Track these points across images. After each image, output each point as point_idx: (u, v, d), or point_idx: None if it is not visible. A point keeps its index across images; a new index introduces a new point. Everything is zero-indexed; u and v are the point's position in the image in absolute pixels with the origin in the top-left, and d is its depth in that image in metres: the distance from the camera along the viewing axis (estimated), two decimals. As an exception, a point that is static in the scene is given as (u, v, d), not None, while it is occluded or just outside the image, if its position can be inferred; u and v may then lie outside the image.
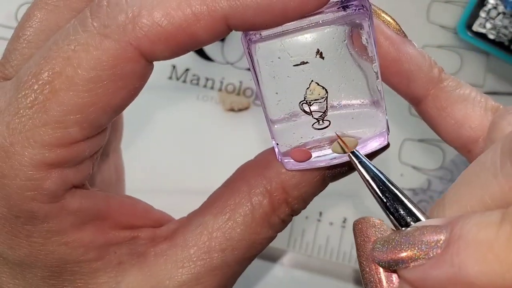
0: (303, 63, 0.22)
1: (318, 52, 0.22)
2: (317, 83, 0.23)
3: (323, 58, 0.22)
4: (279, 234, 0.27)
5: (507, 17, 0.45)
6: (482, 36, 0.45)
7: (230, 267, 0.26)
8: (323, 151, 0.25)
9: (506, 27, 0.45)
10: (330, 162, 0.25)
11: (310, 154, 0.25)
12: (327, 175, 0.26)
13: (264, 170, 0.26)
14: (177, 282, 0.25)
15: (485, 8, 0.45)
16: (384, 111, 0.24)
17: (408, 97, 0.26)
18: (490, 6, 0.45)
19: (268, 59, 0.22)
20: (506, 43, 0.45)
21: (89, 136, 0.22)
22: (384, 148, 0.26)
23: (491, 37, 0.45)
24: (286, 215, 0.26)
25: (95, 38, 0.21)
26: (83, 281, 0.24)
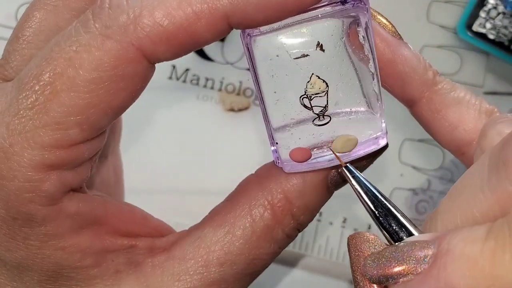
0: (304, 56, 0.22)
1: (318, 44, 0.22)
2: (317, 76, 0.23)
3: (324, 50, 0.22)
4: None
5: (507, 17, 0.45)
6: (482, 36, 0.45)
7: (229, 283, 0.25)
8: (322, 152, 0.24)
9: (506, 27, 0.45)
10: (329, 163, 0.25)
11: (310, 153, 0.24)
12: (330, 182, 0.26)
13: (264, 181, 0.25)
14: None
15: (485, 8, 0.45)
16: (382, 112, 0.24)
17: (402, 99, 0.26)
18: (490, 6, 0.45)
19: (267, 57, 0.22)
20: (506, 43, 0.45)
21: (89, 138, 0.22)
22: (383, 148, 0.26)
23: (491, 37, 0.45)
24: (291, 229, 0.26)
25: (97, 39, 0.21)
26: (79, 287, 0.24)
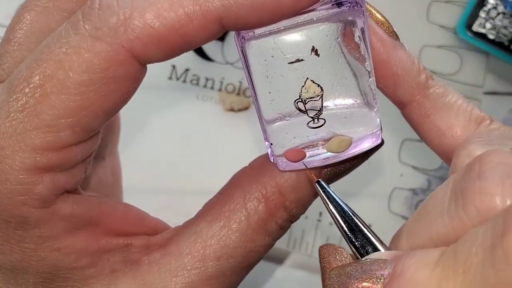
0: (298, 61, 0.22)
1: (313, 49, 0.22)
2: (312, 81, 0.23)
3: (318, 55, 0.22)
4: (279, 235, 0.27)
5: (507, 17, 0.45)
6: (482, 36, 0.45)
7: (226, 276, 0.25)
8: (317, 151, 0.25)
9: (506, 27, 0.45)
10: (324, 162, 0.25)
11: (304, 153, 0.24)
12: (323, 177, 0.26)
13: (258, 175, 0.26)
14: None
15: (485, 8, 0.45)
16: (377, 110, 0.24)
17: (394, 100, 0.26)
18: (490, 6, 0.45)
19: (261, 58, 0.22)
20: (506, 43, 0.45)
21: (81, 140, 0.22)
22: (378, 146, 0.26)
23: (491, 37, 0.45)
24: (284, 221, 0.26)
25: (87, 41, 0.20)
26: None
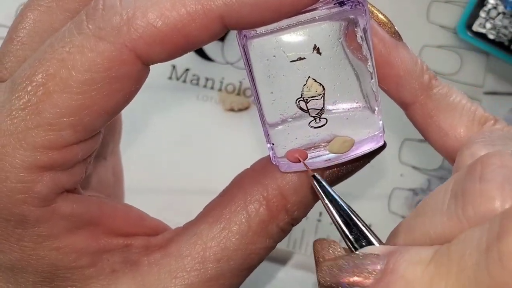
0: (300, 59, 0.22)
1: (315, 47, 0.22)
2: (314, 80, 0.23)
3: (320, 54, 0.22)
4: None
5: (507, 17, 0.45)
6: (482, 36, 0.45)
7: (226, 278, 0.25)
8: (319, 152, 0.24)
9: (506, 27, 0.45)
10: (326, 163, 0.25)
11: (306, 154, 0.24)
12: (325, 179, 0.26)
13: (260, 176, 0.26)
14: None
15: (485, 8, 0.45)
16: (379, 111, 0.24)
17: (396, 101, 0.26)
18: (490, 6, 0.45)
19: (263, 57, 0.22)
20: (506, 43, 0.45)
21: (82, 139, 0.22)
22: (380, 148, 0.26)
23: (491, 37, 0.45)
24: (285, 223, 0.26)
25: (90, 40, 0.21)
26: None
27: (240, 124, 0.45)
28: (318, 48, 0.22)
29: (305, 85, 0.23)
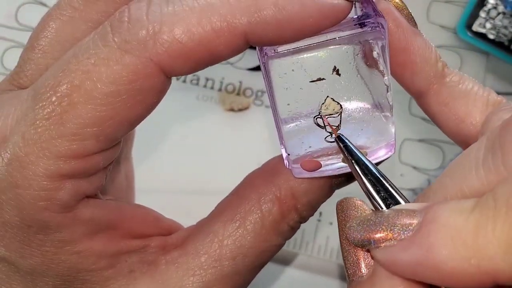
0: (320, 79, 0.23)
1: (334, 69, 0.23)
2: (332, 99, 0.23)
3: (340, 75, 0.23)
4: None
5: (507, 17, 0.45)
6: (482, 36, 0.45)
7: (241, 275, 0.26)
8: (331, 160, 0.25)
9: (506, 27, 0.45)
10: (338, 171, 0.25)
11: (319, 164, 0.25)
12: (334, 183, 0.27)
13: (273, 177, 0.26)
14: None
15: (485, 8, 0.45)
16: (393, 123, 0.24)
17: (410, 89, 0.26)
18: (490, 6, 0.45)
19: (282, 72, 0.23)
20: (506, 43, 0.45)
21: (104, 148, 0.22)
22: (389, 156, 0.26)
23: (491, 37, 0.45)
24: (295, 222, 0.26)
25: (116, 53, 0.21)
26: None
27: (240, 124, 0.45)
28: (338, 70, 0.22)
29: (323, 104, 0.23)
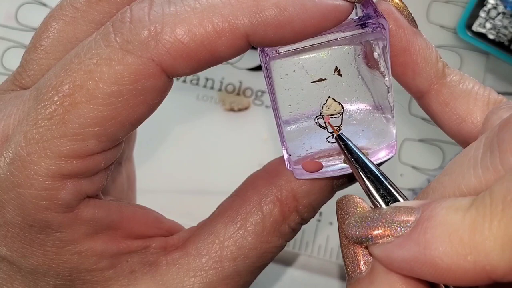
0: (321, 80, 0.23)
1: (336, 69, 0.23)
2: (333, 99, 0.23)
3: (341, 75, 0.23)
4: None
5: (507, 17, 0.45)
6: (482, 36, 0.45)
7: (242, 276, 0.26)
8: (332, 161, 0.25)
9: (506, 27, 0.45)
10: (339, 172, 0.25)
11: (321, 165, 0.25)
12: (335, 184, 0.27)
13: (274, 179, 0.26)
14: None
15: (485, 8, 0.45)
16: (394, 124, 0.24)
17: (411, 90, 0.26)
18: (490, 6, 0.45)
19: (283, 73, 0.23)
20: (506, 43, 0.45)
21: (106, 148, 0.22)
22: (391, 157, 0.26)
23: (491, 37, 0.45)
24: (296, 224, 0.26)
25: (118, 53, 0.21)
26: None
27: (240, 124, 0.45)
28: (339, 70, 0.23)
29: (324, 104, 0.23)
